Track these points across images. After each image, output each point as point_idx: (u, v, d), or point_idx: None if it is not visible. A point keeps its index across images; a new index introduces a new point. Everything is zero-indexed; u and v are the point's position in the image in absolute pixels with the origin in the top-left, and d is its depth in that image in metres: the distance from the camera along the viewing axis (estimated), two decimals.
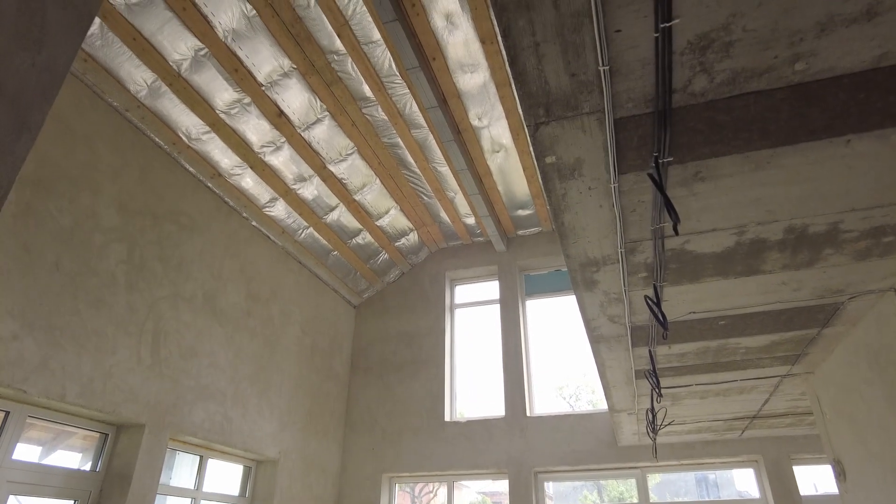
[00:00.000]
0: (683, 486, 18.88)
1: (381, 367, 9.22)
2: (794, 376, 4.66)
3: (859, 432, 3.93)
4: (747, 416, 6.02)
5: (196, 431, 5.99)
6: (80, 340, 4.87)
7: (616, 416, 5.80)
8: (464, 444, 8.25)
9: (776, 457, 7.12)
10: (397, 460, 8.43)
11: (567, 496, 20.07)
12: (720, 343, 3.82)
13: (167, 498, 6.43)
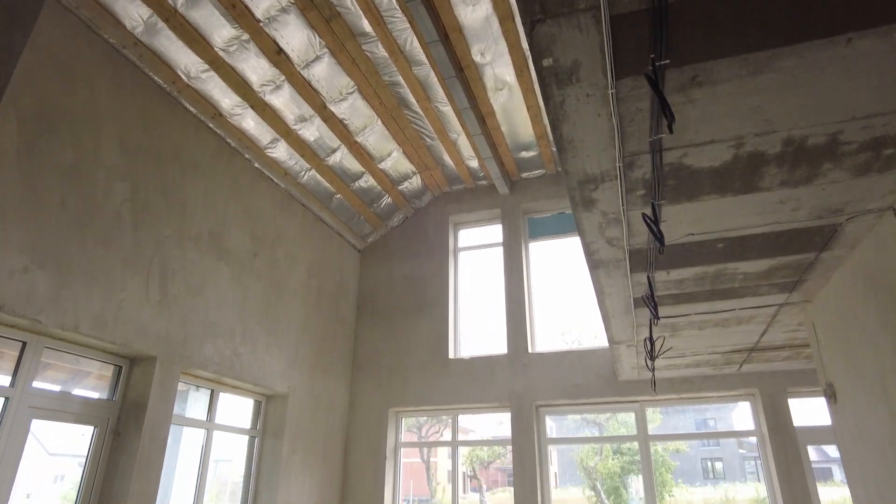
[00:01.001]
0: (683, 429, 19.42)
1: (387, 309, 9.38)
2: (792, 305, 4.73)
3: (851, 355, 4.02)
4: (745, 348, 6.14)
5: (207, 366, 6.18)
6: (89, 276, 4.98)
7: (615, 349, 5.93)
8: (467, 380, 8.48)
9: (772, 390, 7.30)
10: (403, 396, 8.70)
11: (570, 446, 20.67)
12: (718, 268, 3.87)
13: (182, 429, 6.71)
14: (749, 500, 17.65)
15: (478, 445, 20.11)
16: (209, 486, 7.86)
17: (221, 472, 9.52)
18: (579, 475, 18.08)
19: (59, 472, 7.29)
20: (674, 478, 16.41)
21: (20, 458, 4.65)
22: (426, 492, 20.63)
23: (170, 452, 7.01)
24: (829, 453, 23.26)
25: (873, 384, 3.71)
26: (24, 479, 7.08)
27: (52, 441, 7.89)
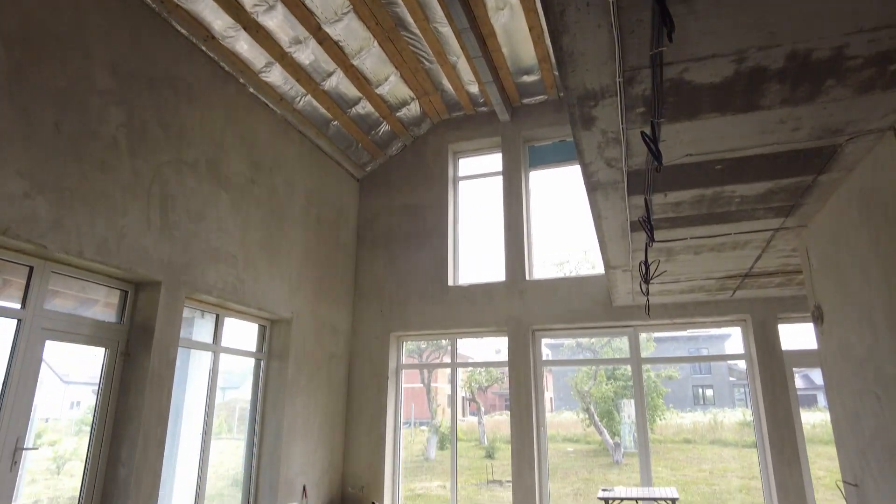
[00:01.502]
0: (679, 365, 19.89)
1: (387, 238, 9.46)
2: (787, 230, 4.77)
3: (841, 278, 4.11)
4: (739, 274, 6.25)
5: (211, 290, 6.31)
6: (89, 202, 5.00)
7: (611, 274, 6.03)
8: (466, 306, 8.68)
9: (763, 316, 7.49)
10: (404, 322, 8.94)
11: (566, 371, 21.34)
12: (716, 191, 3.88)
13: (190, 352, 6.94)
14: (736, 424, 18.53)
15: (476, 367, 20.84)
16: (218, 411, 8.23)
17: (230, 399, 9.94)
18: (574, 400, 18.87)
19: (75, 399, 7.60)
20: (665, 403, 17.13)
21: (37, 379, 4.85)
22: (427, 414, 21.57)
23: (180, 375, 7.29)
24: (815, 380, 24.17)
25: (859, 305, 3.81)
26: (42, 406, 7.41)
27: (65, 369, 8.19)
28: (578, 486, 13.14)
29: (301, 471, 7.65)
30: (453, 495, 8.44)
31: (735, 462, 14.80)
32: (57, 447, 7.37)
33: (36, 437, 7.12)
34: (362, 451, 8.63)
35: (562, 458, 16.31)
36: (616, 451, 15.13)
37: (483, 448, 17.90)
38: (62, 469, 6.26)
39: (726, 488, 12.52)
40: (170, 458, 7.01)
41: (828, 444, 13.84)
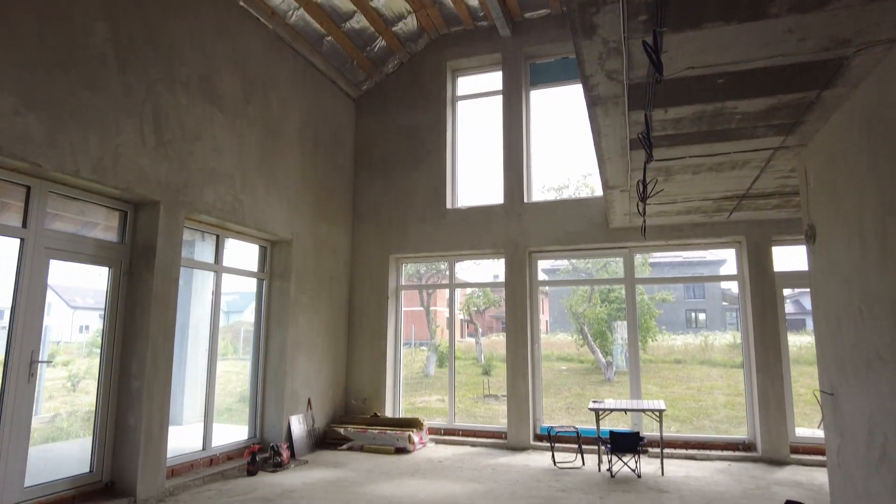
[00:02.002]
0: (672, 289, 20.12)
1: (384, 161, 9.37)
2: (787, 149, 4.74)
3: (836, 196, 4.13)
4: (736, 195, 6.25)
5: (210, 211, 6.33)
6: (82, 120, 4.92)
7: (609, 194, 6.04)
8: (464, 228, 8.74)
9: (758, 238, 7.56)
10: (403, 244, 9.03)
11: (561, 295, 21.69)
12: (717, 107, 3.83)
13: (193, 272, 7.06)
14: (726, 346, 19.15)
15: (473, 287, 21.25)
16: (224, 333, 8.46)
17: (234, 322, 10.20)
18: (569, 321, 19.40)
19: (83, 323, 7.81)
20: (658, 325, 17.63)
21: (45, 297, 4.96)
22: (427, 335, 22.23)
23: (184, 296, 7.46)
24: (805, 305, 24.69)
25: (851, 223, 3.86)
26: (53, 329, 7.62)
27: (71, 295, 8.36)
28: (571, 400, 13.77)
29: (306, 385, 7.99)
30: (451, 407, 8.86)
31: (722, 381, 15.42)
32: (70, 367, 7.67)
33: (49, 356, 7.39)
34: (364, 366, 8.97)
35: (555, 375, 16.97)
36: (608, 369, 15.73)
37: (480, 366, 18.60)
38: (77, 387, 6.55)
39: (711, 404, 13.13)
40: (179, 374, 7.30)
41: (811, 364, 14.38)
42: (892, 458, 3.38)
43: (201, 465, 6.44)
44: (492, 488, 5.95)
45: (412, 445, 7.81)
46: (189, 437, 6.68)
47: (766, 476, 6.36)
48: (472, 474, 6.55)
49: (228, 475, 6.42)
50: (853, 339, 3.89)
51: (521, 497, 5.62)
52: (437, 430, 8.63)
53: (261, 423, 7.53)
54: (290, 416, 7.59)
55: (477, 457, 7.50)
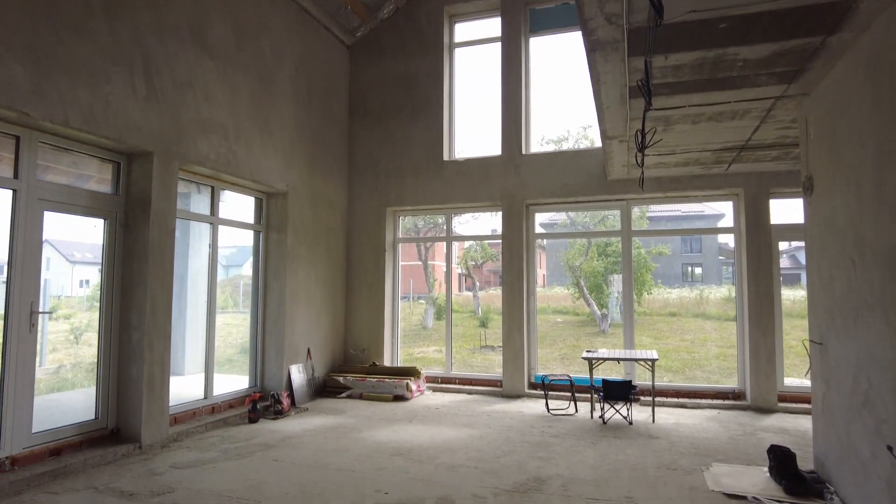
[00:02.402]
0: (669, 242, 20.12)
1: (380, 111, 9.21)
2: (789, 98, 4.66)
3: (836, 146, 4.09)
4: (736, 146, 6.19)
5: (203, 162, 6.26)
6: (69, 68, 4.80)
7: (607, 145, 5.97)
8: (461, 180, 8.68)
9: (756, 190, 7.53)
10: (399, 196, 8.99)
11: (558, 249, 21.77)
12: (718, 53, 3.74)
13: (190, 224, 7.05)
14: (721, 299, 19.35)
15: (471, 241, 21.30)
16: (223, 287, 8.50)
17: (234, 276, 10.24)
18: (565, 275, 19.54)
19: (83, 278, 7.84)
20: (654, 279, 17.75)
21: (41, 249, 4.96)
22: (425, 289, 22.41)
23: (182, 247, 7.47)
24: (801, 260, 24.78)
25: (850, 174, 3.84)
26: (53, 283, 7.64)
27: (70, 249, 8.35)
28: (565, 351, 14.03)
29: (305, 335, 8.10)
30: (448, 356, 9.03)
31: (715, 333, 15.67)
32: (72, 320, 7.77)
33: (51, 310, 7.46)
34: (363, 318, 9.08)
35: (551, 327, 17.23)
36: (603, 321, 15.95)
37: (477, 319, 18.84)
38: (80, 339, 6.64)
39: (704, 355, 13.39)
40: (180, 325, 7.39)
41: (803, 317, 14.60)
42: (874, 403, 3.47)
43: (203, 413, 6.60)
44: (486, 434, 6.12)
45: (410, 393, 7.99)
46: (191, 387, 6.83)
47: (754, 423, 6.55)
48: (468, 420, 6.73)
49: (230, 422, 6.59)
50: (844, 289, 3.93)
51: (515, 442, 5.80)
52: (435, 379, 8.82)
53: (261, 372, 7.68)
54: (290, 366, 7.73)
55: (472, 404, 7.69)
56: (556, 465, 4.99)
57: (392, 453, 5.40)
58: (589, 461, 5.12)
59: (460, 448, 5.58)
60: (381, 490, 4.38)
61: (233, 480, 4.62)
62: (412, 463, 5.09)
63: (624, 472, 4.79)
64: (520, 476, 4.70)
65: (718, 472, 4.67)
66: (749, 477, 4.54)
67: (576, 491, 4.34)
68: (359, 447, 5.61)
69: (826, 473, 4.34)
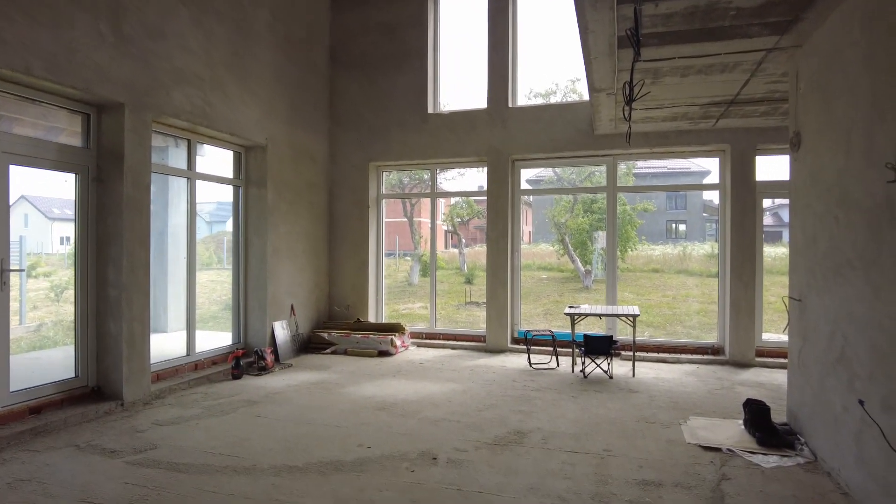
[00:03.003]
0: (654, 199, 20.07)
1: (363, 61, 8.91)
2: (781, 51, 4.54)
3: (826, 100, 4.01)
4: (724, 100, 6.09)
5: (178, 114, 6.03)
6: (28, 11, 4.52)
7: (595, 98, 5.84)
8: (447, 134, 8.50)
9: (743, 147, 7.46)
10: (383, 151, 8.80)
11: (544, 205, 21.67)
12: (710, 1, 3.60)
13: (169, 180, 6.86)
14: (704, 256, 19.57)
15: (456, 197, 21.15)
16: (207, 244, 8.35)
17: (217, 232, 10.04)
18: (551, 232, 19.57)
19: (64, 234, 7.63)
20: (638, 235, 17.84)
21: (8, 205, 4.78)
22: (410, 246, 22.35)
23: (161, 203, 7.29)
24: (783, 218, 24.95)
25: (839, 131, 3.78)
26: (32, 240, 7.43)
27: (47, 206, 8.09)
28: (549, 306, 14.17)
29: (288, 292, 8.05)
30: (432, 312, 9.06)
31: (697, 289, 15.90)
32: (53, 278, 7.61)
33: (30, 268, 7.29)
34: (347, 274, 9.03)
35: (536, 283, 17.35)
36: (587, 277, 16.08)
37: (463, 275, 18.91)
38: (61, 297, 6.52)
39: (685, 311, 13.60)
40: (161, 282, 7.29)
41: (783, 274, 14.83)
42: (849, 359, 3.52)
43: (186, 370, 6.58)
44: (469, 387, 6.20)
45: (395, 349, 8.04)
46: (174, 344, 6.79)
47: (731, 377, 6.69)
48: (451, 375, 6.80)
49: (213, 379, 6.60)
50: (826, 246, 3.94)
51: (497, 395, 5.87)
52: (419, 335, 8.87)
53: (245, 329, 7.65)
54: (274, 322, 7.71)
55: (456, 359, 7.76)
56: (537, 419, 5.08)
57: (376, 408, 5.45)
58: (569, 415, 5.20)
59: (443, 402, 5.64)
60: (363, 444, 4.42)
61: (216, 437, 4.64)
62: (395, 417, 5.14)
63: (603, 425, 4.89)
64: (501, 429, 4.78)
65: (695, 426, 4.78)
66: (725, 430, 4.65)
67: (555, 444, 4.42)
68: (342, 402, 5.65)
69: (798, 426, 4.45)
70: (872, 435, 3.18)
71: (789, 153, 4.81)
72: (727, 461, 4.02)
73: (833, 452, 3.78)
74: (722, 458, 4.10)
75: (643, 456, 4.15)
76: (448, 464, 4.02)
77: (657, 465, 3.98)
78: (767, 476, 3.77)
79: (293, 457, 4.17)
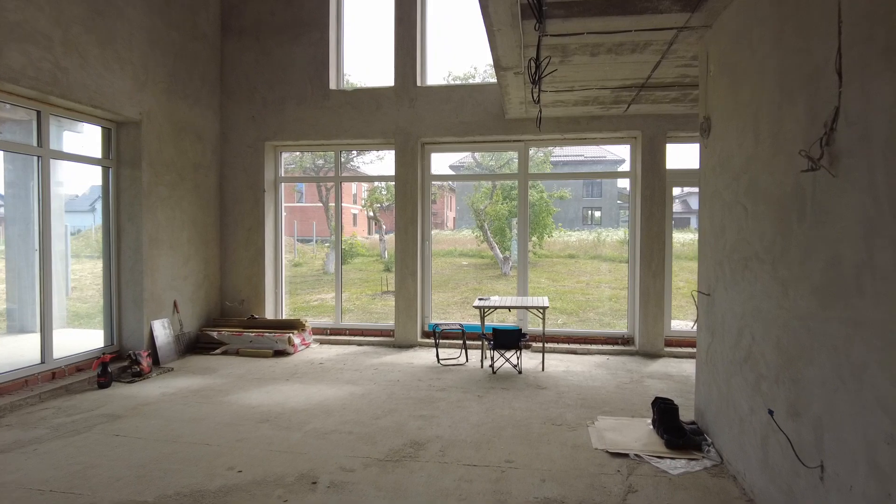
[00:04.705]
0: (571, 187, 20.13)
1: (258, 28, 8.06)
2: (691, 31, 4.30)
3: (735, 84, 3.79)
4: (635, 84, 5.87)
5: (18, 79, 5.05)
6: None
7: (502, 77, 5.43)
8: (351, 113, 7.86)
9: (654, 133, 7.35)
10: (281, 129, 8.03)
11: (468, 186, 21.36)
12: None
13: (34, 160, 5.81)
14: (617, 242, 20.02)
15: (361, 181, 20.35)
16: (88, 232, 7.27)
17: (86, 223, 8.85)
18: (472, 218, 19.32)
19: None
20: (555, 222, 17.93)
21: None
22: (328, 232, 21.44)
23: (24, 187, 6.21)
24: (691, 205, 26.06)
25: (747, 113, 3.55)
26: None
27: None
28: (467, 294, 13.89)
29: (171, 286, 7.18)
30: (338, 305, 8.45)
31: (609, 275, 16.17)
32: None
33: None
34: (241, 265, 8.23)
35: (455, 270, 17.05)
36: (505, 264, 15.95)
37: (383, 262, 18.32)
38: None
39: (598, 297, 13.73)
40: (28, 276, 6.19)
41: (691, 259, 15.32)
42: (755, 359, 3.32)
43: (40, 381, 5.65)
44: (370, 390, 5.70)
45: (292, 347, 7.39)
46: (27, 349, 5.82)
47: (641, 369, 6.59)
48: (352, 376, 6.27)
49: (74, 389, 5.71)
50: (735, 239, 3.73)
51: (399, 398, 5.41)
52: (323, 331, 8.25)
53: (118, 328, 6.74)
54: (153, 321, 6.84)
55: (361, 356, 7.23)
56: (438, 425, 4.66)
57: (259, 419, 4.83)
58: (473, 418, 4.83)
59: (337, 409, 5.11)
60: (234, 468, 3.82)
61: (54, 466, 3.87)
62: (278, 431, 4.55)
63: (507, 429, 4.54)
64: (396, 441, 4.31)
65: (603, 427, 4.53)
66: (633, 431, 4.42)
67: (454, 455, 4.01)
68: (221, 414, 4.99)
69: (705, 424, 4.29)
70: (778, 440, 2.98)
71: (699, 140, 4.61)
72: (634, 469, 3.77)
73: (738, 455, 3.60)
74: (629, 465, 3.84)
75: (546, 466, 3.82)
76: (329, 488, 3.51)
77: (561, 476, 3.66)
78: (675, 484, 3.53)
79: (144, 488, 3.51)
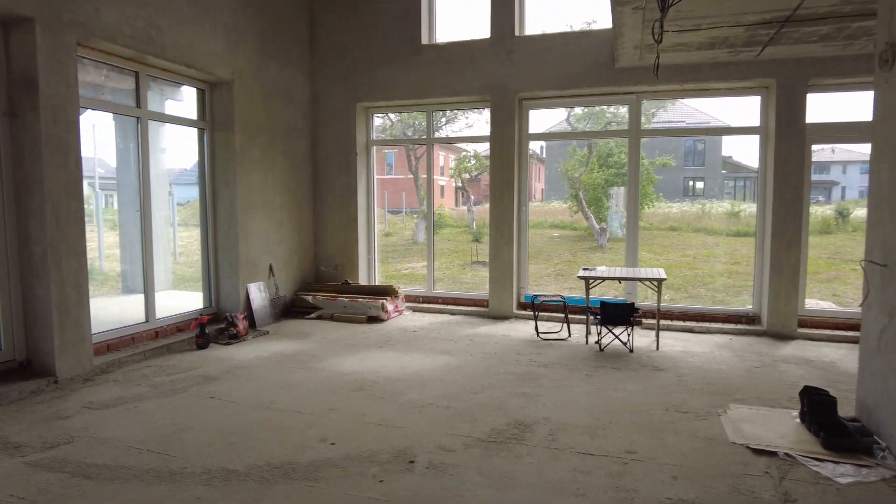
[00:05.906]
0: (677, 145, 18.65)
1: None
2: None
3: None
4: (777, 18, 4.93)
5: (114, 37, 5.00)
6: None
7: (618, 14, 4.71)
8: (443, 68, 7.38)
9: (792, 80, 6.30)
10: (371, 89, 7.71)
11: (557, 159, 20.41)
12: None
13: (139, 123, 5.85)
14: (723, 214, 18.38)
15: (454, 143, 19.86)
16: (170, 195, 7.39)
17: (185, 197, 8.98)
18: (564, 188, 18.40)
19: None
20: (655, 192, 16.66)
21: None
22: (416, 204, 21.34)
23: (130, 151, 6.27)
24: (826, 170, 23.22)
25: None
26: None
27: None
28: (561, 266, 13.21)
29: (265, 250, 7.15)
30: (430, 273, 8.15)
31: (719, 248, 14.85)
32: None
33: None
34: (335, 231, 8.10)
35: (547, 242, 16.35)
36: (601, 235, 15.04)
37: (471, 233, 17.98)
38: None
39: (709, 272, 12.59)
40: (136, 242, 6.24)
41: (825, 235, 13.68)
42: None
43: (145, 339, 5.76)
44: (465, 362, 5.32)
45: (385, 314, 7.18)
46: (133, 308, 5.96)
47: (772, 352, 5.75)
48: (446, 346, 5.93)
49: (175, 349, 5.78)
50: None
51: (497, 372, 5.00)
52: (416, 298, 8.00)
53: (216, 291, 6.80)
54: (249, 284, 6.84)
55: (454, 326, 6.89)
56: (543, 405, 4.20)
57: (352, 388, 4.60)
58: (582, 399, 4.32)
59: (432, 380, 4.78)
60: (326, 439, 3.57)
61: (152, 425, 3.82)
62: (372, 401, 4.29)
63: (624, 415, 3.99)
64: (498, 419, 3.90)
65: (738, 417, 3.87)
66: (776, 424, 3.74)
67: (565, 441, 3.54)
68: (314, 380, 4.81)
69: (875, 423, 3.52)
70: None
71: (876, 74, 3.72)
72: (787, 471, 3.12)
73: None
74: (780, 466, 3.19)
75: (676, 461, 3.26)
76: (428, 469, 3.16)
77: (695, 474, 3.09)
78: (846, 497, 2.86)
79: (234, 456, 3.33)
